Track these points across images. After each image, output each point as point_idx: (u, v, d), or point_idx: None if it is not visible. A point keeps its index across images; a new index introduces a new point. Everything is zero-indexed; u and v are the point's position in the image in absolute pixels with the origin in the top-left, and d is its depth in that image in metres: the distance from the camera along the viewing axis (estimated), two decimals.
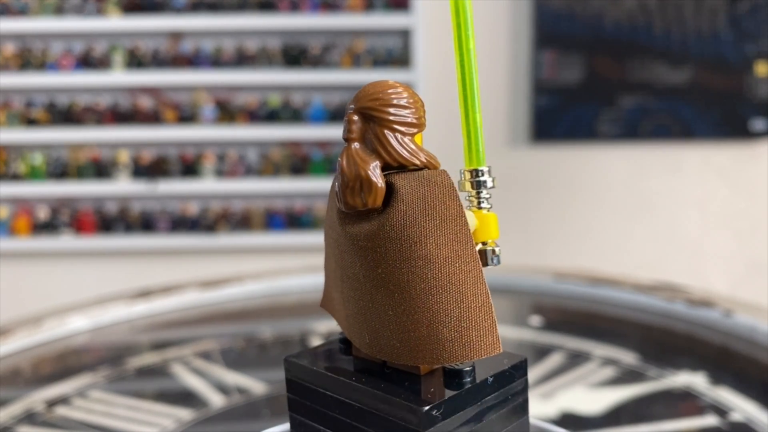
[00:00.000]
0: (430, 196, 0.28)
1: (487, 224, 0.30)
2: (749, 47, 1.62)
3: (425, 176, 0.28)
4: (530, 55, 1.64)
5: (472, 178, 0.31)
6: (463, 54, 0.29)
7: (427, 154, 0.29)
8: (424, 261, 0.27)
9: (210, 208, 1.69)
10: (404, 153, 0.28)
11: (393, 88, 0.28)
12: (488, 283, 0.29)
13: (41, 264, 1.67)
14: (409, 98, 0.28)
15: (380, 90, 0.28)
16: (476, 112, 0.30)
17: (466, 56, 0.30)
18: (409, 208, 0.27)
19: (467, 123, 0.31)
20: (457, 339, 0.27)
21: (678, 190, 1.70)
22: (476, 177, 0.31)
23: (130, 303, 0.77)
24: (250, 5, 1.62)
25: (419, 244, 0.27)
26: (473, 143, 0.31)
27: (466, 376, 0.28)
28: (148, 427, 0.49)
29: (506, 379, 0.30)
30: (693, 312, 0.69)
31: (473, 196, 0.30)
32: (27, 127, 1.62)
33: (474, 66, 0.30)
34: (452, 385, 0.27)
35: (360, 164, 0.27)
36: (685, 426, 0.48)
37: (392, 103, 0.28)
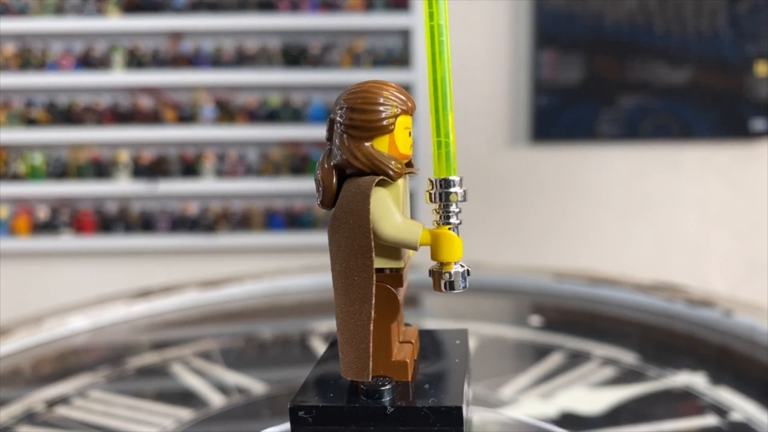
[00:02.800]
0: (349, 204, 0.27)
1: (440, 243, 0.27)
2: (749, 47, 1.62)
3: (356, 183, 0.27)
4: (530, 55, 1.64)
5: (438, 189, 0.27)
6: (435, 47, 0.27)
7: (379, 160, 0.27)
8: (337, 272, 0.27)
9: (210, 208, 1.69)
10: (353, 157, 0.27)
11: (362, 92, 0.28)
12: (489, 284, 0.29)
13: (41, 264, 1.67)
14: (372, 102, 0.28)
15: (349, 93, 0.28)
16: (447, 113, 0.27)
17: (438, 50, 0.27)
18: (337, 214, 0.27)
19: (437, 126, 0.27)
20: (344, 354, 0.27)
21: (678, 190, 1.70)
22: (444, 188, 0.27)
23: (130, 303, 0.77)
24: (250, 5, 1.62)
25: (335, 254, 0.27)
26: (443, 149, 0.27)
27: (373, 395, 0.26)
28: (148, 427, 0.49)
29: (418, 419, 0.26)
30: (693, 312, 0.69)
31: (439, 209, 0.27)
32: (27, 127, 1.62)
33: (447, 63, 0.27)
34: (348, 398, 0.27)
35: (320, 167, 0.28)
36: (685, 426, 0.48)
37: (352, 107, 0.28)
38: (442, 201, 0.27)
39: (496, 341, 0.67)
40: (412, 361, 0.29)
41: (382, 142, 0.28)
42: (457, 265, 0.27)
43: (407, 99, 0.29)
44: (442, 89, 0.27)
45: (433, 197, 0.27)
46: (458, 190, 0.27)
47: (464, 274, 0.27)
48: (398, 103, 0.28)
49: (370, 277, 0.26)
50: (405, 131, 0.28)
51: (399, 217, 0.27)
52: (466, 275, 0.27)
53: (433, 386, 0.27)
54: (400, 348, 0.29)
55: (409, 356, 0.29)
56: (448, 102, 0.27)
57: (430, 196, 0.27)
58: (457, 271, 0.27)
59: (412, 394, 0.27)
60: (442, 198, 0.27)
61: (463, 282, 0.27)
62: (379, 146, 0.28)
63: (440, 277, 0.27)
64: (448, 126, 0.27)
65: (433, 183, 0.27)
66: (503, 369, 0.60)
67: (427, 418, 0.25)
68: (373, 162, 0.27)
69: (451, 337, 0.33)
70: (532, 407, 0.51)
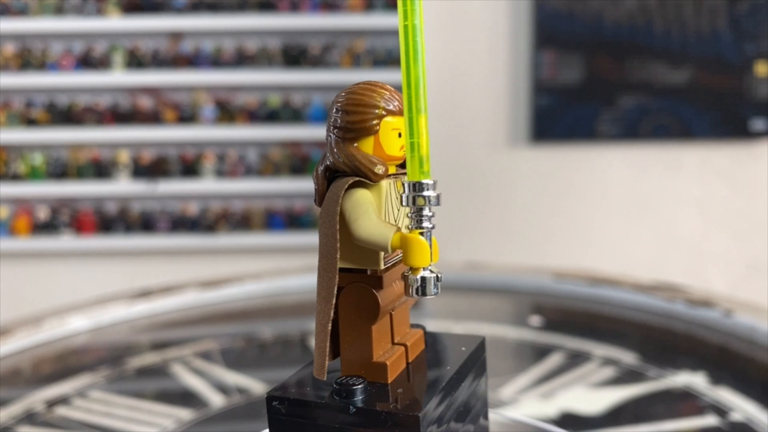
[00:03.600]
0: (325, 205, 0.28)
1: (408, 248, 0.26)
2: (749, 47, 1.62)
3: (336, 184, 0.28)
4: (530, 55, 1.64)
5: (411, 192, 0.26)
6: (409, 47, 0.26)
7: (360, 161, 0.27)
8: (318, 270, 0.28)
9: (210, 208, 1.69)
10: (337, 158, 0.28)
11: (350, 93, 0.28)
12: (489, 284, 0.29)
13: (41, 264, 1.67)
14: (357, 104, 0.28)
15: (340, 94, 0.29)
16: (422, 116, 0.26)
17: (412, 50, 0.26)
18: (319, 215, 0.28)
19: (410, 128, 0.26)
20: (314, 352, 0.28)
21: (677, 190, 1.70)
22: (417, 191, 0.26)
23: (130, 303, 0.77)
24: (250, 5, 1.62)
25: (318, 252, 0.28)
26: (416, 151, 0.26)
27: (343, 394, 0.26)
28: (148, 427, 0.49)
29: (377, 422, 0.26)
30: (693, 312, 0.69)
31: (413, 213, 0.26)
32: (27, 127, 1.62)
33: (421, 64, 0.26)
34: (320, 394, 0.27)
35: (316, 167, 0.29)
36: (685, 426, 0.48)
37: (339, 108, 0.28)
38: (415, 204, 0.26)
39: (496, 341, 0.67)
40: (398, 363, 0.29)
41: (367, 143, 0.28)
42: (426, 270, 0.26)
43: (397, 100, 0.28)
44: (416, 90, 0.26)
45: (406, 200, 0.26)
46: (431, 194, 0.26)
47: (433, 279, 0.26)
48: (384, 105, 0.28)
49: (333, 278, 0.27)
50: (393, 132, 0.28)
51: (374, 219, 0.27)
52: (436, 281, 0.26)
53: (407, 391, 0.27)
54: (390, 350, 0.29)
55: (396, 359, 0.29)
56: (422, 104, 0.26)
57: (402, 199, 0.26)
58: (425, 276, 0.26)
59: (381, 396, 0.27)
60: (415, 201, 0.26)
61: (434, 288, 0.26)
62: (365, 148, 0.28)
63: (408, 282, 0.26)
64: (421, 128, 0.26)
65: (405, 186, 0.26)
66: (503, 369, 0.60)
67: (385, 422, 0.25)
68: (353, 163, 0.27)
69: (459, 343, 0.32)
70: (532, 407, 0.51)
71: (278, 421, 0.27)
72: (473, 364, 0.31)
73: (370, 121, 0.28)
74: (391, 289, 0.29)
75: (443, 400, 0.27)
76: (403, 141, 0.28)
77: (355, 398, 0.26)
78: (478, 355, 0.32)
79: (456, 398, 0.29)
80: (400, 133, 0.28)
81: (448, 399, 0.28)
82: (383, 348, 0.29)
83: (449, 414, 0.28)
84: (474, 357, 0.32)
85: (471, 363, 0.31)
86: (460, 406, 0.29)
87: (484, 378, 0.33)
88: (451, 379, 0.28)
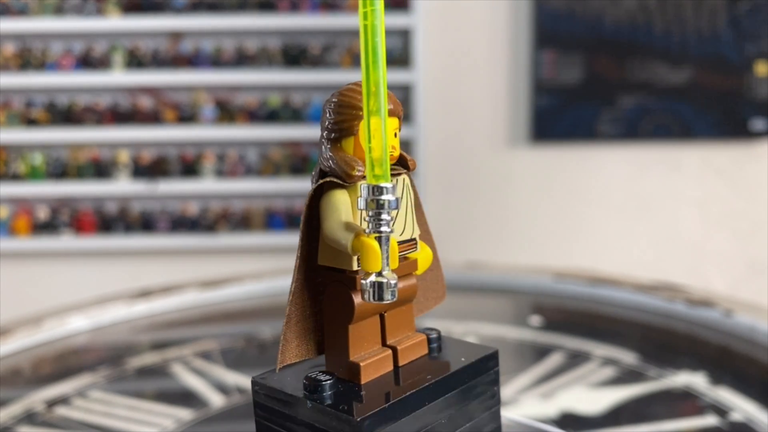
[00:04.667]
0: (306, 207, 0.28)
1: (361, 253, 0.26)
2: (749, 47, 1.62)
3: (315, 185, 0.28)
4: (530, 55, 1.64)
5: (369, 195, 0.26)
6: (369, 48, 0.26)
7: (336, 162, 0.27)
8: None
9: (210, 208, 1.69)
10: (320, 157, 0.28)
11: (336, 94, 0.29)
12: (489, 284, 0.29)
13: (41, 264, 1.67)
14: (338, 104, 0.28)
15: (333, 94, 0.29)
16: (374, 116, 0.25)
17: (372, 51, 0.25)
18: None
19: (369, 129, 0.25)
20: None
21: (678, 190, 1.70)
22: (375, 195, 0.25)
23: (130, 303, 0.77)
24: (250, 5, 1.62)
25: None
26: (375, 154, 0.26)
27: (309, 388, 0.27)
28: (148, 427, 0.49)
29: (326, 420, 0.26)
30: (693, 312, 0.69)
31: (370, 217, 0.26)
32: (27, 127, 1.62)
33: (381, 66, 0.25)
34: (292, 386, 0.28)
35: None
36: (685, 426, 0.48)
37: (326, 108, 0.29)
38: (374, 209, 0.25)
39: (496, 341, 0.67)
40: (379, 366, 0.29)
41: (348, 144, 0.28)
42: (376, 275, 0.26)
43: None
44: (377, 93, 0.25)
45: (365, 204, 0.26)
46: (390, 198, 0.25)
47: (383, 285, 0.26)
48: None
49: (294, 275, 0.28)
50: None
51: (339, 220, 0.27)
52: (387, 287, 0.26)
53: (370, 395, 0.27)
54: (375, 351, 0.29)
55: (376, 361, 0.28)
56: (383, 107, 0.25)
57: (361, 203, 0.26)
58: (373, 281, 0.26)
59: (341, 395, 0.27)
60: (374, 205, 0.25)
61: (386, 295, 0.26)
62: (347, 148, 0.28)
63: (363, 288, 0.26)
64: (374, 130, 0.25)
65: (362, 190, 0.26)
66: (503, 369, 0.60)
67: (331, 421, 0.26)
68: (330, 163, 0.28)
69: (465, 353, 0.31)
70: (532, 407, 0.51)
71: (258, 404, 0.29)
72: (468, 378, 0.30)
73: (350, 122, 0.28)
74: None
75: (404, 411, 0.27)
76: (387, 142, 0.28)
77: (320, 394, 0.27)
78: (479, 369, 0.30)
79: (429, 411, 0.28)
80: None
81: (414, 410, 0.27)
82: (367, 348, 0.29)
83: (414, 427, 0.27)
84: (471, 370, 0.30)
85: (464, 376, 0.30)
86: (438, 420, 0.28)
87: (487, 396, 0.31)
88: (421, 390, 0.27)
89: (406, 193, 0.30)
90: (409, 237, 0.30)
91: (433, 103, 1.65)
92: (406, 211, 0.30)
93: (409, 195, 0.30)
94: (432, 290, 0.33)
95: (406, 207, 0.30)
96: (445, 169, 1.67)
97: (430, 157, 1.64)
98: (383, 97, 0.25)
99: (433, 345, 0.32)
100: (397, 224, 0.29)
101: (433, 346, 0.31)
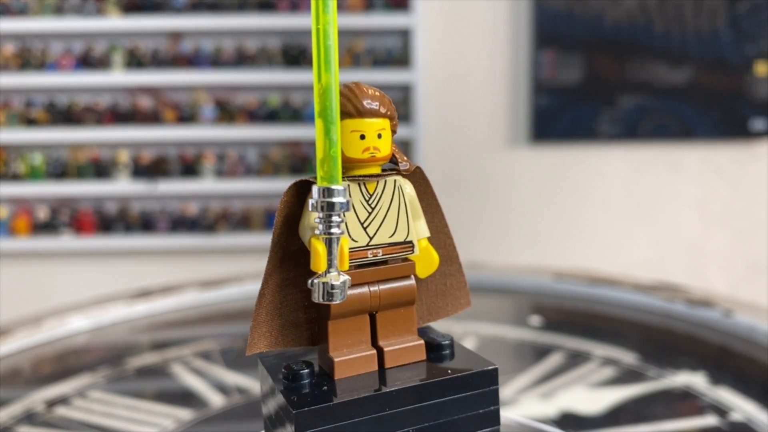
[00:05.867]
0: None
1: (311, 253, 0.26)
2: (749, 47, 1.62)
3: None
4: (530, 55, 1.64)
5: (320, 198, 0.26)
6: (320, 51, 0.26)
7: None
8: None
9: (210, 208, 1.69)
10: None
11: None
12: (489, 284, 0.29)
13: (41, 264, 1.67)
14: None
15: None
16: (332, 122, 0.26)
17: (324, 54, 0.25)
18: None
19: (322, 129, 0.26)
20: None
21: (678, 190, 1.70)
22: (326, 197, 0.26)
23: (130, 303, 0.77)
24: (250, 5, 1.62)
25: None
26: (327, 153, 0.26)
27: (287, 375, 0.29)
28: (148, 427, 0.49)
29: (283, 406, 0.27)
30: (693, 312, 0.69)
31: (321, 219, 0.26)
32: (27, 127, 1.62)
33: (333, 69, 0.26)
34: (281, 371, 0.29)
35: None
36: (685, 426, 0.48)
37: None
38: (324, 210, 0.26)
39: (496, 341, 0.67)
40: (358, 364, 0.29)
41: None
42: (320, 276, 0.26)
43: (368, 103, 0.28)
44: (328, 97, 0.26)
45: (316, 206, 0.26)
46: (341, 200, 0.26)
47: (325, 286, 0.26)
48: (344, 107, 0.28)
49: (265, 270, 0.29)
50: (352, 135, 0.28)
51: (307, 220, 0.28)
52: (329, 288, 0.26)
53: (330, 390, 0.28)
54: (358, 350, 0.29)
55: (355, 359, 0.29)
56: (333, 110, 0.26)
57: (311, 205, 0.26)
58: (315, 281, 0.26)
59: (309, 387, 0.28)
60: (324, 207, 0.26)
61: (325, 296, 0.26)
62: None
63: (312, 288, 0.26)
64: (332, 134, 0.26)
65: (313, 191, 0.26)
66: (503, 369, 0.60)
67: (282, 408, 0.27)
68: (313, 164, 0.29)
69: (458, 364, 0.30)
70: (532, 407, 0.51)
71: (262, 377, 0.31)
72: (449, 392, 0.28)
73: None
74: (356, 290, 0.29)
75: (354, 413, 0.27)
76: (366, 143, 0.28)
77: (290, 381, 0.28)
78: (466, 385, 0.29)
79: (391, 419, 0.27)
80: (363, 135, 0.28)
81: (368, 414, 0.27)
82: (351, 346, 0.29)
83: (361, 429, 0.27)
84: (454, 384, 0.29)
85: (443, 389, 0.28)
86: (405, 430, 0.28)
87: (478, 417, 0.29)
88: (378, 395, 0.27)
89: (398, 194, 0.30)
90: (402, 239, 0.30)
91: (433, 103, 1.65)
92: (398, 214, 0.30)
93: (401, 197, 0.30)
94: (452, 296, 0.33)
95: (398, 209, 0.30)
96: (444, 169, 1.67)
97: (430, 157, 1.64)
98: (335, 100, 0.26)
99: (445, 352, 0.31)
100: (386, 226, 0.29)
101: (444, 353, 0.31)
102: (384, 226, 0.29)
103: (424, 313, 0.33)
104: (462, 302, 0.33)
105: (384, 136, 0.29)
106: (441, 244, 0.32)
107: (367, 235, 0.29)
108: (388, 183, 0.29)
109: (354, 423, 0.27)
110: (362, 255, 0.29)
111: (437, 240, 0.32)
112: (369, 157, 0.29)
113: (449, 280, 0.33)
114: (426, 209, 0.31)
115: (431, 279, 0.32)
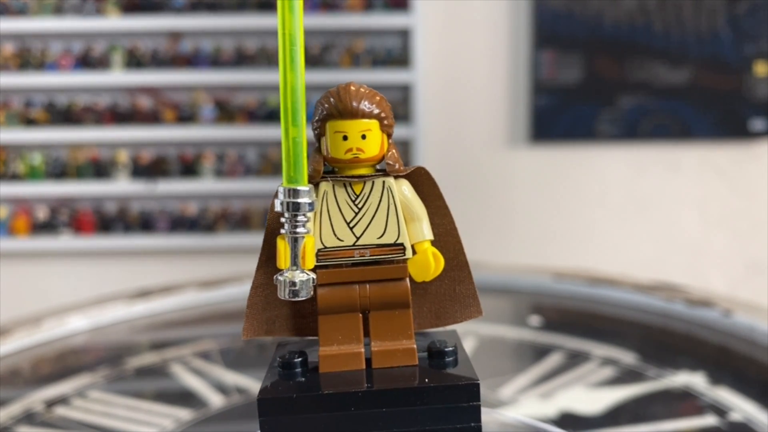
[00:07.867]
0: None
1: (278, 251, 0.27)
2: (749, 47, 1.62)
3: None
4: (529, 55, 1.64)
5: (286, 198, 0.26)
6: (286, 55, 0.26)
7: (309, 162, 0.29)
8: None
9: (209, 208, 1.69)
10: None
11: (322, 95, 0.30)
12: (489, 284, 0.29)
13: (40, 264, 1.67)
14: (316, 104, 0.30)
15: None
16: (298, 124, 0.26)
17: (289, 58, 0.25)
18: None
19: (285, 131, 0.26)
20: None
21: (677, 190, 1.70)
22: (291, 197, 0.26)
23: (130, 303, 0.77)
24: (249, 5, 1.62)
25: None
26: (291, 155, 0.26)
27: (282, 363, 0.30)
28: (147, 427, 0.49)
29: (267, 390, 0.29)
30: (692, 312, 0.69)
31: (287, 219, 0.26)
32: (26, 127, 1.62)
33: (299, 73, 0.26)
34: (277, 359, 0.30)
35: None
36: (685, 426, 0.48)
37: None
38: (290, 210, 0.26)
39: (495, 341, 0.67)
40: (344, 361, 0.29)
41: (323, 143, 0.29)
42: (281, 273, 0.27)
43: (353, 103, 0.28)
44: (293, 99, 0.26)
45: (282, 206, 0.26)
46: (304, 201, 0.26)
47: (284, 283, 0.27)
48: (329, 107, 0.28)
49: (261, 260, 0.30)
50: (336, 135, 0.28)
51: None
52: (291, 286, 0.26)
53: (311, 383, 0.28)
54: (346, 347, 0.29)
55: (340, 355, 0.29)
56: (299, 113, 0.26)
57: (277, 204, 0.26)
58: (278, 278, 0.27)
59: (299, 377, 0.29)
60: (290, 207, 0.26)
61: (286, 293, 0.27)
62: (322, 149, 0.29)
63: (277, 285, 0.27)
64: (298, 136, 0.26)
65: (279, 192, 0.26)
66: (503, 369, 0.60)
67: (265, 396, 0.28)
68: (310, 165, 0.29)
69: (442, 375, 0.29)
70: (531, 407, 0.51)
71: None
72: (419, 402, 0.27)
73: (315, 123, 0.29)
74: (343, 288, 0.29)
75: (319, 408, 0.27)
76: (349, 144, 0.28)
77: (296, 370, 0.29)
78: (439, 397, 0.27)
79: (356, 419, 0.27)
80: (345, 135, 0.28)
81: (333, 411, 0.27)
82: (341, 343, 0.30)
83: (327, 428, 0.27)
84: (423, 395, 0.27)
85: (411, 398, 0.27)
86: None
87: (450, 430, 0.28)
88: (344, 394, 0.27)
89: (386, 196, 0.29)
90: (392, 241, 0.29)
91: (432, 103, 1.65)
92: (387, 215, 0.29)
93: (391, 198, 0.30)
94: (461, 304, 0.32)
95: (387, 210, 0.29)
96: (444, 169, 1.66)
97: (430, 157, 1.64)
98: (299, 101, 0.26)
99: (448, 359, 0.30)
100: (374, 227, 0.29)
101: (447, 360, 0.30)
102: (372, 227, 0.29)
103: (431, 318, 0.32)
104: (473, 310, 0.32)
105: (369, 137, 0.29)
106: (449, 248, 0.31)
107: (354, 235, 0.29)
108: (376, 184, 0.29)
109: (313, 418, 0.27)
110: (348, 254, 0.29)
111: (445, 243, 0.31)
112: (352, 158, 0.29)
113: (458, 286, 0.32)
114: (434, 212, 0.31)
115: (439, 283, 0.31)
